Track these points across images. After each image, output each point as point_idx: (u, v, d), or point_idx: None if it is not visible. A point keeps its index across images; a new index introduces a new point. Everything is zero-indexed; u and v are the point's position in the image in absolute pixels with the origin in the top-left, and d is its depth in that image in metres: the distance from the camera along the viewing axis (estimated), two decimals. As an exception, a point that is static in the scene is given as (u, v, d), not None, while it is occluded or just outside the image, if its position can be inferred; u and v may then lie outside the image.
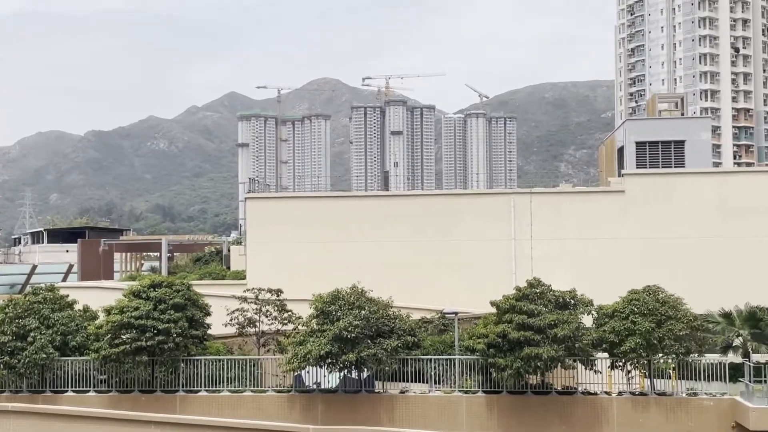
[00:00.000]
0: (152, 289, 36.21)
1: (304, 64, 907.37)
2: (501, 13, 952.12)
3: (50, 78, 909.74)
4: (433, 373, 35.14)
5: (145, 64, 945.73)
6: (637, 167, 53.05)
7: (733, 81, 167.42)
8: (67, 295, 39.04)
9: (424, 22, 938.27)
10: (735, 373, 33.84)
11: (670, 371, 34.98)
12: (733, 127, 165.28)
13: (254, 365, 36.51)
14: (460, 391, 34.65)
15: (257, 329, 38.55)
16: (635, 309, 33.72)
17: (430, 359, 35.46)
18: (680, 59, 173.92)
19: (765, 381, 32.13)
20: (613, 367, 34.34)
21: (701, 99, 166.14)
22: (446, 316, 39.80)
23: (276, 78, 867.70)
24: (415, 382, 35.25)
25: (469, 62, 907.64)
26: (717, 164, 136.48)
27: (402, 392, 34.85)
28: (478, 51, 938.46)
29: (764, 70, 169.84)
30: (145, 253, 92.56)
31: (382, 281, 43.73)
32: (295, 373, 35.30)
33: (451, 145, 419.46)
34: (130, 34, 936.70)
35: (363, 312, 33.88)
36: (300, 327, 36.57)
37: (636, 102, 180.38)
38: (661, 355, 33.73)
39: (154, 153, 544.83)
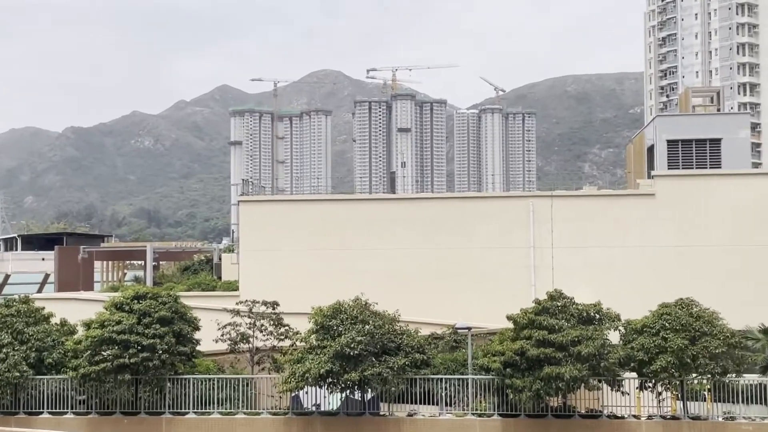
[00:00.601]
0: (136, 301, 36.24)
1: (302, 54, 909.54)
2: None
3: (24, 70, 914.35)
4: (443, 395, 35.07)
5: (130, 55, 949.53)
6: (669, 168, 52.97)
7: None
8: (43, 308, 39.11)
9: (434, 8, 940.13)
10: (777, 395, 33.69)
11: (705, 393, 34.85)
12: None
13: (248, 385, 36.51)
14: (473, 414, 34.58)
15: (251, 345, 38.56)
16: (666, 324, 33.61)
17: (441, 379, 35.42)
18: (716, 49, 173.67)
19: (810, 404, 31.96)
20: (642, 388, 34.24)
21: (739, 93, 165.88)
22: (458, 331, 39.76)
23: (272, 70, 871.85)
24: (424, 404, 35.17)
25: (483, 52, 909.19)
26: (756, 165, 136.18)
27: (410, 415, 34.79)
28: (494, 40, 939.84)
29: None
30: (128, 262, 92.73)
31: (388, 293, 43.65)
32: (293, 394, 35.27)
33: (464, 143, 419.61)
34: (113, 23, 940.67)
35: (367, 327, 33.86)
36: (298, 343, 36.57)
37: (667, 96, 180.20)
38: (695, 375, 33.61)
39: (139, 152, 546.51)
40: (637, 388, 34.39)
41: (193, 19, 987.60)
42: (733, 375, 33.85)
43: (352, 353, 33.17)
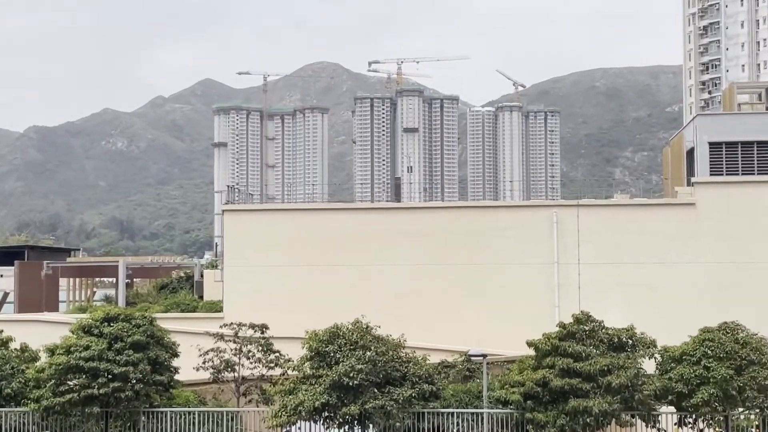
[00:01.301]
0: (106, 324, 36.23)
1: (296, 44, 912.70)
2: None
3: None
4: (455, 431, 34.99)
5: (101, 46, 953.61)
6: (711, 174, 52.93)
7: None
8: (1, 331, 39.12)
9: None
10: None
11: (753, 429, 34.74)
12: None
13: (233, 419, 36.44)
14: (489, 453, 34.48)
15: (237, 374, 38.50)
16: (709, 351, 33.51)
17: (452, 413, 35.32)
18: (764, 39, 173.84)
19: None
20: (681, 424, 34.12)
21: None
22: (472, 359, 39.64)
23: (261, 62, 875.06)
24: (433, 441, 35.05)
25: (501, 43, 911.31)
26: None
27: (417, 454, 34.67)
28: (513, 29, 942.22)
29: None
30: (98, 279, 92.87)
31: (393, 315, 43.58)
32: (284, 430, 35.21)
33: (479, 145, 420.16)
34: (81, 8, 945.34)
35: (368, 353, 33.81)
36: (290, 372, 36.50)
37: (709, 93, 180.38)
38: (741, 409, 33.49)
39: (110, 154, 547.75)
40: (675, 424, 34.26)
41: (173, 4, 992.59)
42: (785, 409, 33.72)
43: (351, 383, 33.09)
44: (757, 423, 34.38)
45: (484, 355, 37.12)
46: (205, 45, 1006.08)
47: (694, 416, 33.74)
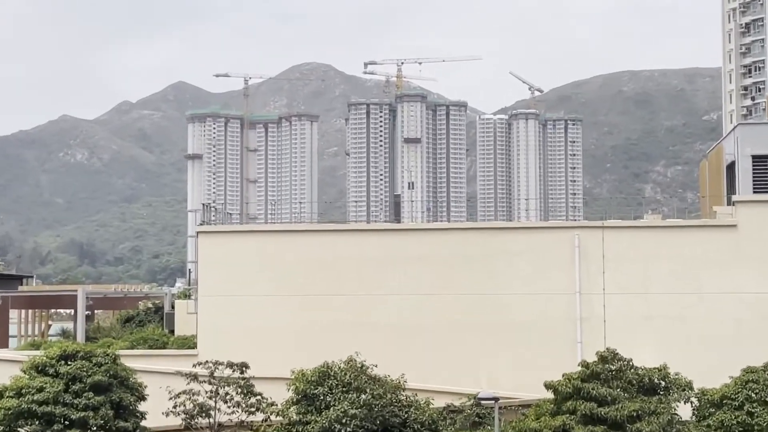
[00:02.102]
0: (63, 362, 36.17)
1: (282, 43, 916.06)
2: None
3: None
4: (463, 486, 34.85)
5: (60, 43, 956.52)
6: (755, 192, 52.95)
7: None
8: (-58, 370, 38.96)
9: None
10: None
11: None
12: None
13: (207, 472, 36.29)
14: None
15: (212, 420, 38.40)
16: (753, 395, 33.48)
17: (459, 465, 35.21)
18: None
19: None
20: (721, 478, 34.01)
21: None
22: (482, 402, 39.56)
23: (242, 63, 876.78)
24: (438, 497, 34.96)
25: (515, 41, 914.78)
26: None
27: None
28: (529, 26, 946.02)
29: None
30: (53, 311, 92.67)
31: (392, 352, 43.50)
32: (266, 484, 35.04)
33: (490, 158, 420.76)
34: (35, 2, 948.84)
35: (363, 396, 33.76)
36: (273, 418, 36.42)
37: (752, 99, 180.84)
38: (790, 461, 33.40)
39: (69, 167, 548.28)
40: (715, 478, 34.14)
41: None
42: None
43: (344, 430, 33.01)
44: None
45: (496, 399, 37.04)
46: (178, 43, 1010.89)
47: (736, 469, 33.64)
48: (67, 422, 34.76)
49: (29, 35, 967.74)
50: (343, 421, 33.15)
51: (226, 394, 38.24)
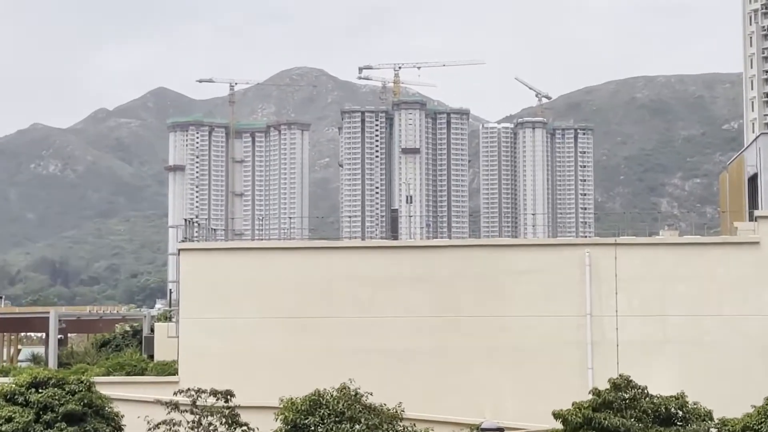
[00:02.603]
0: (34, 390, 36.05)
1: (270, 46, 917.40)
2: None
3: None
4: None
5: (31, 47, 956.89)
6: (779, 206, 53.08)
7: None
8: None
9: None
10: None
11: None
12: None
13: None
14: None
15: (194, 453, 38.28)
16: (778, 425, 33.40)
17: (461, 501, 35.15)
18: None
19: None
20: None
21: None
22: (486, 433, 39.52)
23: (227, 67, 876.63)
24: None
25: (521, 45, 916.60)
26: None
27: None
28: (536, 28, 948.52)
29: None
30: (23, 334, 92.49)
31: (388, 380, 43.41)
32: None
33: (494, 170, 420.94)
34: (7, 3, 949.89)
35: (357, 427, 33.69)
36: (260, 449, 36.28)
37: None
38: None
39: (41, 180, 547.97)
40: None
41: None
42: None
43: (336, 464, 32.92)
44: None
45: (501, 429, 36.99)
46: (158, 45, 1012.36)
47: (759, 505, 33.58)
48: (37, 455, 34.64)
49: (4, 37, 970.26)
50: (336, 453, 33.08)
51: (210, 424, 38.10)
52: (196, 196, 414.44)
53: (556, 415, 34.91)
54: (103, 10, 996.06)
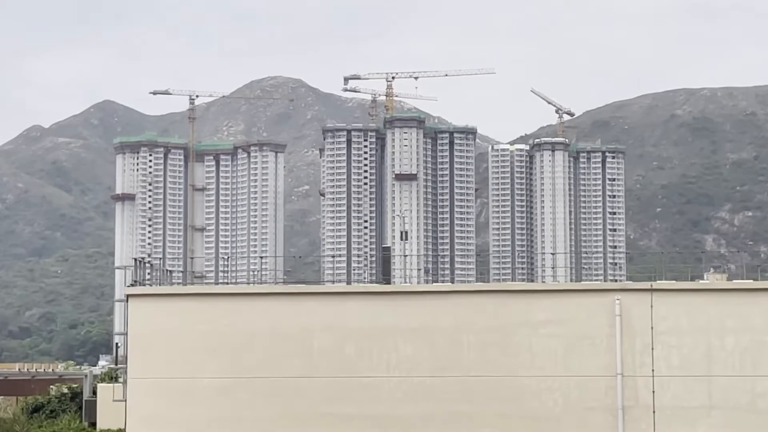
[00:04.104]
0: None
1: (238, 51, 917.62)
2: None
3: None
4: None
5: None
6: None
7: None
8: None
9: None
10: None
11: None
12: None
13: None
14: None
15: None
16: None
17: None
18: None
19: None
20: None
21: None
22: None
23: (187, 77, 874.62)
24: None
25: (539, 51, 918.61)
26: None
27: None
28: (556, 31, 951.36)
29: None
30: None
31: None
32: None
33: (507, 200, 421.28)
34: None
35: None
36: None
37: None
38: None
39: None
40: None
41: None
42: None
43: None
44: None
45: None
46: (103, 50, 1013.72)
47: None
48: None
49: None
50: None
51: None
52: (149, 231, 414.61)
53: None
54: (38, 11, 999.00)
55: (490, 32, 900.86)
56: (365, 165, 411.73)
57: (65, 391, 71.92)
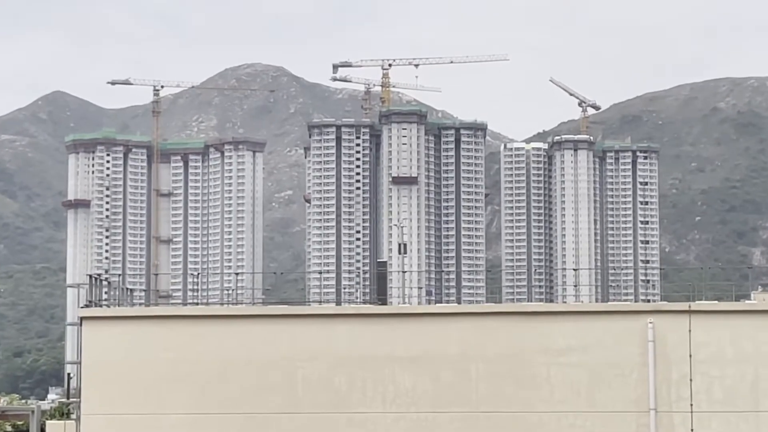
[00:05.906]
0: None
1: (211, 36, 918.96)
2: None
3: None
4: None
5: None
6: None
7: None
8: None
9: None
10: None
11: None
12: None
13: None
14: None
15: None
16: None
17: None
18: None
19: None
20: None
21: None
22: None
23: (151, 65, 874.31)
24: None
25: (558, 35, 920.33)
26: None
27: None
28: (578, 12, 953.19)
29: None
30: None
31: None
32: None
33: (522, 205, 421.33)
34: None
35: None
36: None
37: None
38: None
39: None
40: None
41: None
42: None
43: None
44: None
45: None
46: (52, 34, 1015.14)
47: None
48: None
49: None
50: None
51: None
52: (106, 243, 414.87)
53: None
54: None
55: (502, 13, 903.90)
56: (357, 167, 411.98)
57: (8, 429, 71.96)
